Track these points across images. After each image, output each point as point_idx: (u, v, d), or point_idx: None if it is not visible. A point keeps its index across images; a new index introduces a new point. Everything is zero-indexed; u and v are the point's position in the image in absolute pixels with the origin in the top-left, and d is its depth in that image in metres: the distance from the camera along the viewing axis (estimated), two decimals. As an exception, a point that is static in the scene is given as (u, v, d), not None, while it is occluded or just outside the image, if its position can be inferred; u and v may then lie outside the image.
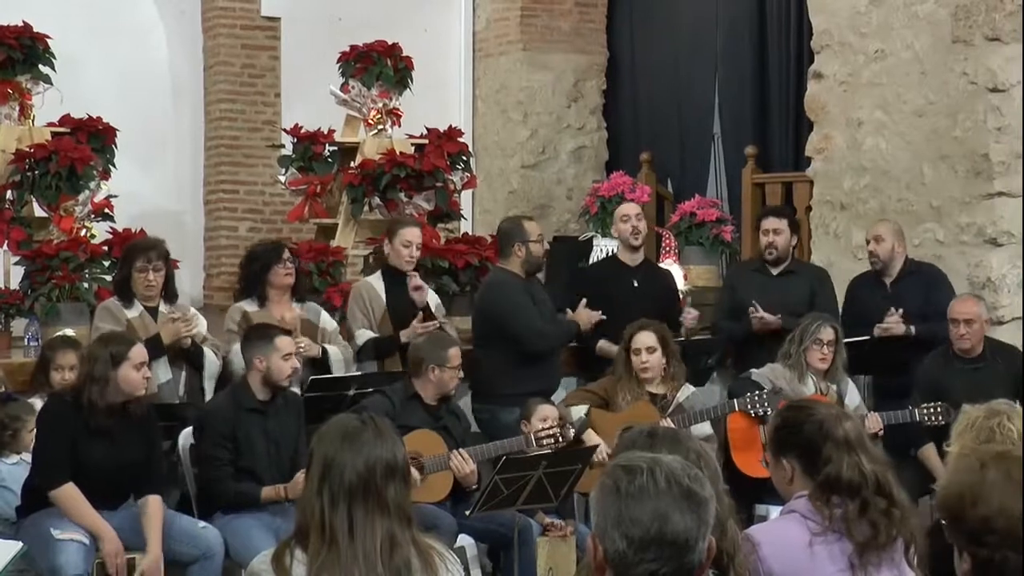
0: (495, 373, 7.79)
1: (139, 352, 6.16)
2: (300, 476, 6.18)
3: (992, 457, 2.73)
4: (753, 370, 7.49)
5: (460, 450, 6.84)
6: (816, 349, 7.51)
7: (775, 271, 8.41)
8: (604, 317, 7.97)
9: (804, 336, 7.55)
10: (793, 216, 8.85)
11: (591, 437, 7.33)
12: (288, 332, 6.92)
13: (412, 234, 8.04)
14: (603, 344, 8.14)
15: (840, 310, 8.44)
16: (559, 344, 8.03)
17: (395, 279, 7.97)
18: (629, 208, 8.72)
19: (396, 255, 7.97)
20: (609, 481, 2.65)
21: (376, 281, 8.03)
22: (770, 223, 8.48)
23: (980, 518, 2.64)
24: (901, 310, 8.05)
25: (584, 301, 8.01)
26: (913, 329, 8.05)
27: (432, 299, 8.10)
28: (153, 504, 6.20)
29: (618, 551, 2.60)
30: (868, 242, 8.37)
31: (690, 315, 8.45)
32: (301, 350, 7.28)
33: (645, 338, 7.49)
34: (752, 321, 8.13)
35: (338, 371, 7.51)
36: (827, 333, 7.55)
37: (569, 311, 8.14)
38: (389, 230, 8.16)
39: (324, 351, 7.54)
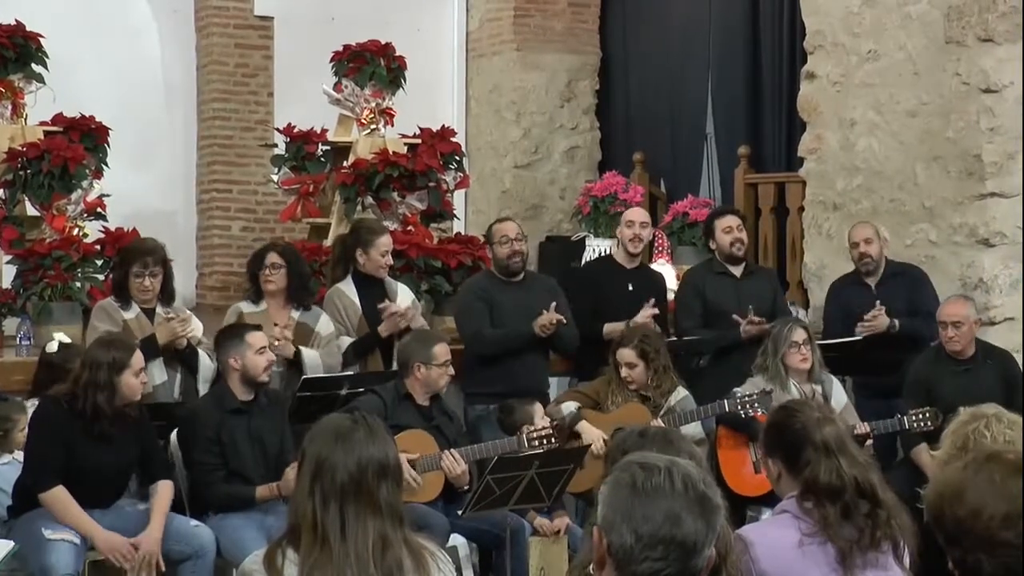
0: (465, 370, 7.82)
1: (139, 359, 6.17)
2: (290, 471, 6.21)
3: (979, 458, 2.73)
4: (736, 389, 7.45)
5: (451, 450, 6.82)
6: (794, 352, 7.48)
7: (737, 272, 8.38)
8: (563, 320, 7.80)
9: (778, 343, 7.49)
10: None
11: (584, 428, 7.33)
12: (258, 328, 6.91)
13: (388, 242, 8.00)
14: (608, 326, 8.07)
15: (822, 313, 8.47)
16: (499, 350, 7.83)
17: (367, 283, 7.91)
18: (635, 214, 8.62)
19: (373, 265, 7.89)
20: (626, 476, 2.66)
21: (347, 287, 7.94)
22: (732, 220, 8.40)
23: (956, 519, 2.63)
24: (884, 307, 8.05)
25: (553, 305, 7.87)
26: (897, 323, 8.04)
27: (406, 296, 8.04)
28: (164, 488, 6.28)
29: (624, 545, 2.60)
30: (855, 245, 8.33)
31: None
32: (276, 345, 7.27)
33: (626, 354, 7.51)
34: (743, 330, 8.05)
35: (312, 374, 7.49)
36: (799, 334, 7.52)
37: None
38: (361, 239, 7.98)
39: (298, 352, 7.50)
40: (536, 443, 6.82)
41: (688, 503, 2.61)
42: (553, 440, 6.87)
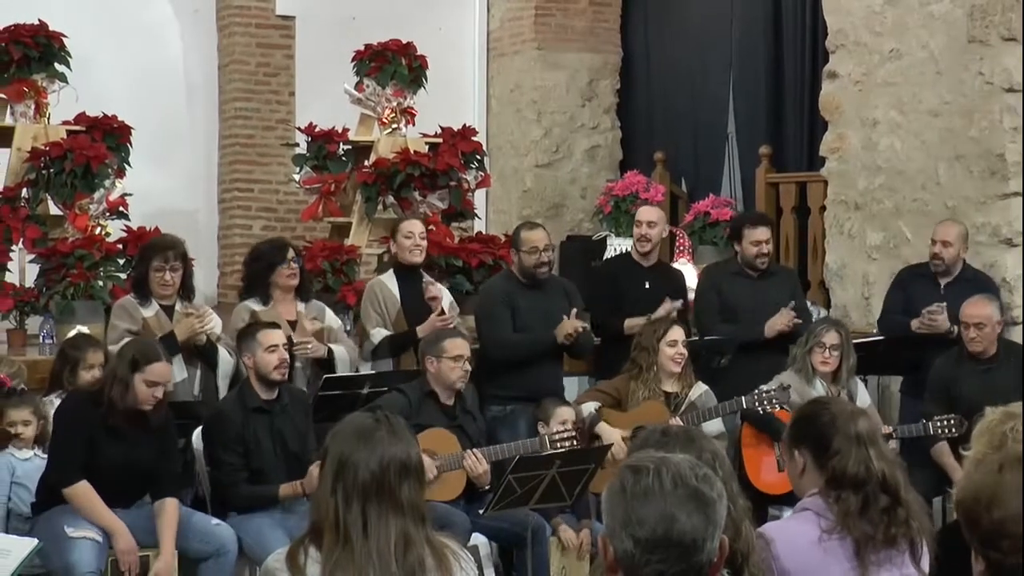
0: (485, 371, 7.80)
1: (156, 370, 6.07)
2: (314, 469, 6.16)
3: (1011, 460, 2.70)
4: (762, 386, 7.45)
5: (474, 450, 6.84)
6: (819, 352, 7.49)
7: (755, 274, 8.36)
8: (586, 327, 7.81)
9: (809, 339, 7.54)
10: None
11: (604, 430, 7.33)
12: (276, 326, 6.90)
13: (411, 226, 8.12)
14: (629, 322, 8.07)
15: (884, 296, 8.44)
16: (523, 356, 7.81)
17: (408, 277, 8.00)
18: (645, 213, 8.60)
19: (401, 249, 8.06)
20: (617, 481, 2.65)
21: (389, 279, 8.05)
22: (763, 233, 8.36)
23: (995, 521, 2.61)
24: (944, 304, 7.93)
25: (574, 312, 7.85)
26: (955, 330, 7.85)
27: (446, 298, 8.10)
28: (170, 506, 6.20)
29: (626, 552, 2.59)
30: (934, 242, 8.21)
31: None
32: (309, 350, 7.32)
33: (679, 332, 7.52)
34: (767, 325, 8.05)
35: (343, 370, 7.50)
36: (831, 337, 7.51)
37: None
38: (393, 229, 8.32)
39: (329, 351, 7.53)
40: (558, 445, 6.83)
41: (680, 501, 2.58)
42: (575, 444, 6.88)
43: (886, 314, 8.40)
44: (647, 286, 8.30)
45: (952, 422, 7.23)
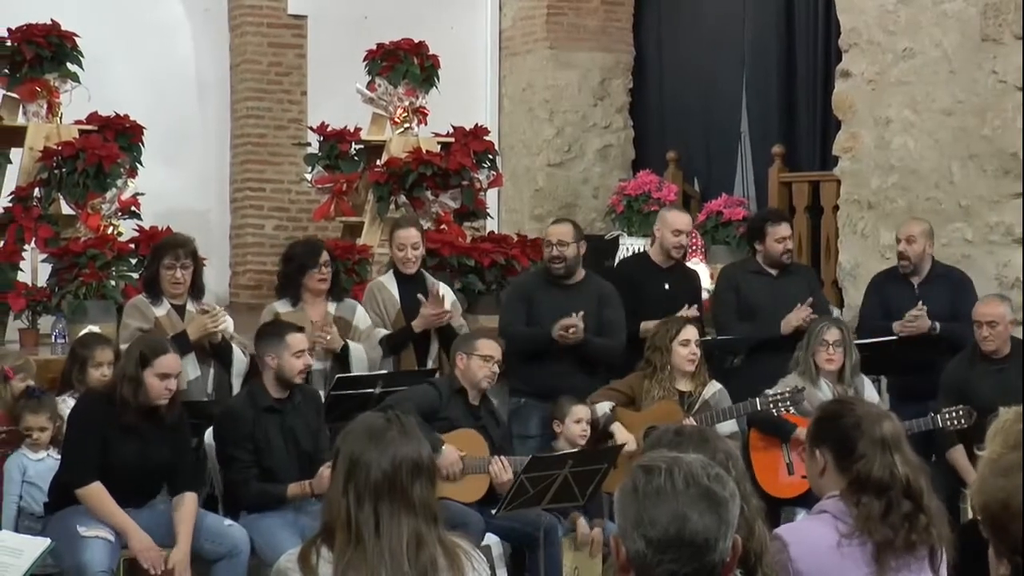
0: (508, 367, 7.77)
1: (165, 363, 6.09)
2: (324, 470, 6.18)
3: None
4: (767, 391, 7.42)
5: (502, 457, 6.82)
6: (822, 350, 7.47)
7: (774, 271, 8.36)
8: (579, 323, 7.68)
9: (810, 339, 7.52)
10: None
11: (619, 431, 7.32)
12: (301, 329, 6.90)
13: (405, 235, 7.99)
14: (644, 325, 8.02)
15: (861, 305, 8.42)
16: (520, 348, 7.72)
17: (408, 278, 7.97)
18: (683, 222, 8.41)
19: (395, 258, 8.02)
20: (629, 482, 2.64)
21: (388, 281, 8.01)
22: (785, 229, 8.37)
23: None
24: (925, 307, 7.99)
25: (581, 314, 7.77)
26: (938, 326, 7.96)
27: (448, 296, 8.06)
28: (189, 500, 6.22)
29: (638, 552, 2.58)
30: (899, 241, 8.27)
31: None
32: (324, 339, 7.34)
33: (692, 331, 7.51)
34: (784, 321, 8.02)
35: (358, 370, 7.49)
36: (832, 334, 7.50)
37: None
38: (390, 233, 8.24)
39: (346, 346, 7.53)
40: None
41: (692, 500, 2.57)
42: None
43: (865, 321, 8.36)
44: (666, 287, 8.26)
45: (960, 413, 7.22)
